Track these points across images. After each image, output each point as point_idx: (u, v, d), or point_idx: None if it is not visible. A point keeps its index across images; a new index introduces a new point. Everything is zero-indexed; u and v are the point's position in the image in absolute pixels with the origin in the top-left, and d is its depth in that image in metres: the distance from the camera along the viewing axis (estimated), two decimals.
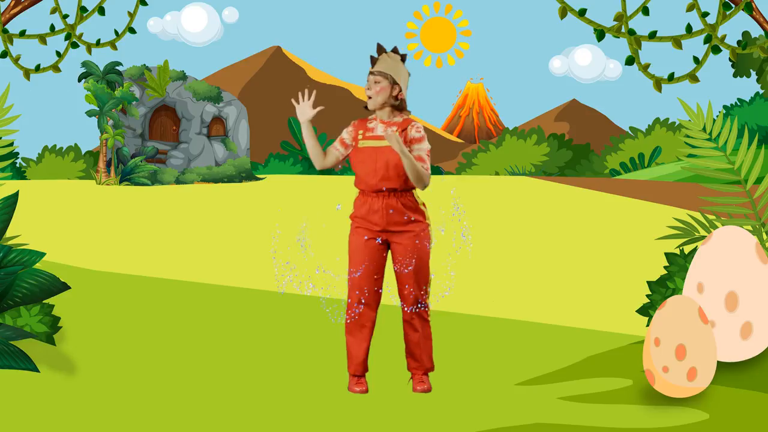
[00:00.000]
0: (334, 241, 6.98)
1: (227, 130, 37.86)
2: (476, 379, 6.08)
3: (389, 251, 5.87)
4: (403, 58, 5.83)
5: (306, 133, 5.84)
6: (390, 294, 5.94)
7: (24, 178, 38.89)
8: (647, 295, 6.46)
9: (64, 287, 6.16)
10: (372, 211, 5.76)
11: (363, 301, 5.80)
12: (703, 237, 6.37)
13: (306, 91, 5.84)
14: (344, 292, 5.91)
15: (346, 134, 5.90)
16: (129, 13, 7.16)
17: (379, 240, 5.80)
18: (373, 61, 5.79)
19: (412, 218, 5.78)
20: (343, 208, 5.89)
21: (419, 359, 5.84)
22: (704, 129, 6.28)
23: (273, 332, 7.69)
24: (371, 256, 5.79)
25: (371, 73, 5.77)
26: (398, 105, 5.80)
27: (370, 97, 5.78)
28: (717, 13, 6.33)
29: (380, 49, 5.84)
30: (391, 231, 5.77)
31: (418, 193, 5.86)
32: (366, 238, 5.80)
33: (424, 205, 5.86)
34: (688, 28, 6.37)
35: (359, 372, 5.83)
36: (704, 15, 6.34)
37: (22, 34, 7.07)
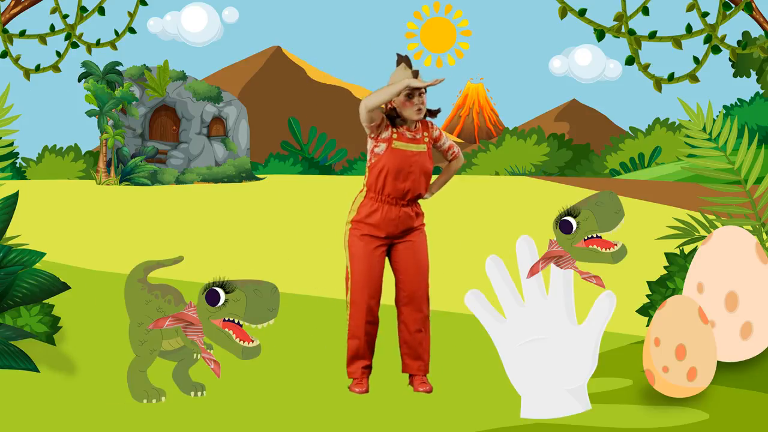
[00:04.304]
0: (334, 241, 6.98)
1: (227, 130, 37.87)
2: (476, 379, 6.08)
3: (388, 253, 5.87)
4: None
5: (393, 89, 5.54)
6: (390, 294, 5.94)
7: (24, 178, 38.89)
8: (647, 295, 6.46)
9: (64, 287, 6.16)
10: (387, 220, 5.72)
11: (374, 307, 5.80)
12: (703, 237, 6.37)
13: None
14: (345, 293, 5.91)
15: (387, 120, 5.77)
16: (129, 13, 7.16)
17: (382, 247, 5.80)
18: (415, 74, 5.68)
19: (419, 222, 5.83)
20: (340, 210, 5.88)
21: (421, 360, 5.84)
22: (704, 129, 6.28)
23: (273, 332, 7.68)
24: (378, 264, 5.79)
25: (420, 91, 5.65)
26: (430, 112, 5.84)
27: (419, 111, 5.68)
28: (717, 13, 6.34)
29: (409, 61, 5.77)
30: (398, 236, 5.79)
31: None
32: (373, 246, 5.77)
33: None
34: (688, 28, 6.38)
35: (364, 375, 5.83)
36: (704, 15, 6.34)
37: (22, 34, 7.07)
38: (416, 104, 5.67)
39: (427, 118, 5.83)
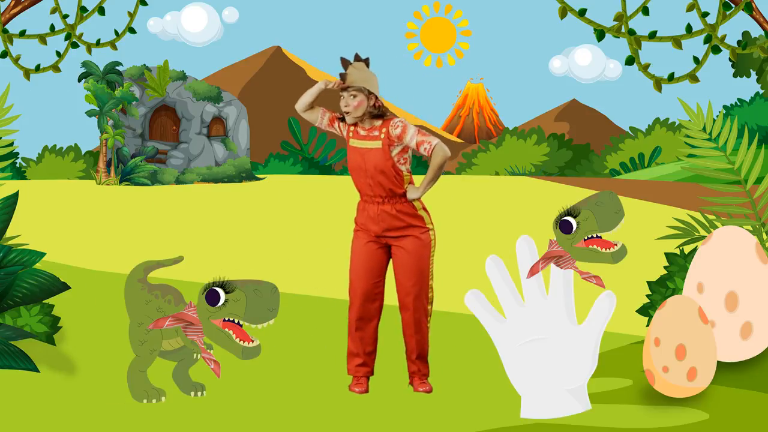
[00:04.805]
0: (334, 241, 6.98)
1: (227, 130, 37.87)
2: (476, 379, 6.08)
3: (390, 254, 5.86)
4: (367, 62, 5.75)
5: (311, 91, 5.83)
6: (390, 295, 5.94)
7: (24, 178, 38.88)
8: (647, 295, 6.46)
9: (64, 287, 6.16)
10: (369, 218, 5.75)
11: (364, 303, 5.80)
12: (703, 237, 6.37)
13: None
14: (345, 293, 5.92)
15: (341, 122, 5.84)
16: (129, 13, 7.16)
17: (378, 244, 5.79)
18: (343, 76, 5.69)
19: (411, 224, 5.75)
20: (341, 210, 5.89)
21: (415, 364, 5.84)
22: (704, 129, 6.28)
23: (273, 332, 7.68)
24: (372, 259, 5.79)
25: (345, 89, 5.69)
26: (378, 113, 5.74)
27: (347, 113, 5.71)
28: (717, 13, 6.33)
29: (345, 63, 5.74)
30: (389, 236, 5.77)
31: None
32: (366, 241, 5.79)
33: (424, 209, 5.82)
34: (688, 28, 6.38)
35: (359, 373, 5.83)
36: (704, 15, 6.34)
37: (22, 34, 7.07)
38: (342, 105, 5.74)
39: (391, 121, 5.75)
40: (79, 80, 35.49)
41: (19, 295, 6.04)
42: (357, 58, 5.73)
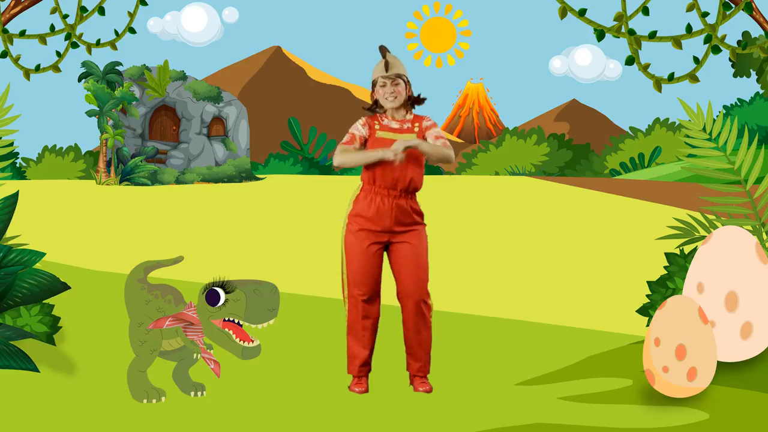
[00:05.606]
0: (334, 241, 6.98)
1: (227, 130, 37.89)
2: (476, 379, 6.08)
3: (387, 251, 5.86)
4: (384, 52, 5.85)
5: (371, 155, 5.67)
6: (390, 294, 5.93)
7: (24, 178, 38.91)
8: (647, 295, 6.46)
9: (64, 287, 6.16)
10: (381, 212, 5.74)
11: (370, 304, 5.79)
12: (703, 237, 6.37)
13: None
14: (345, 293, 5.91)
15: (361, 129, 5.81)
16: (129, 13, 7.16)
17: (379, 245, 5.78)
18: (387, 65, 5.75)
19: (416, 220, 5.80)
20: (340, 210, 5.87)
21: (420, 361, 5.84)
22: (704, 129, 6.28)
23: (273, 332, 7.68)
24: (376, 262, 5.78)
25: (388, 77, 5.73)
26: (411, 101, 5.83)
27: (390, 100, 5.73)
28: (717, 13, 6.33)
29: (385, 51, 5.81)
30: (395, 231, 5.76)
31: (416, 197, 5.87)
32: (368, 243, 5.77)
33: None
34: (688, 28, 6.38)
35: (360, 373, 5.83)
36: (704, 15, 6.34)
37: (22, 34, 7.07)
38: (386, 92, 5.73)
39: (416, 111, 5.85)
40: (79, 80, 35.54)
41: (19, 295, 6.04)
42: (383, 48, 5.79)
